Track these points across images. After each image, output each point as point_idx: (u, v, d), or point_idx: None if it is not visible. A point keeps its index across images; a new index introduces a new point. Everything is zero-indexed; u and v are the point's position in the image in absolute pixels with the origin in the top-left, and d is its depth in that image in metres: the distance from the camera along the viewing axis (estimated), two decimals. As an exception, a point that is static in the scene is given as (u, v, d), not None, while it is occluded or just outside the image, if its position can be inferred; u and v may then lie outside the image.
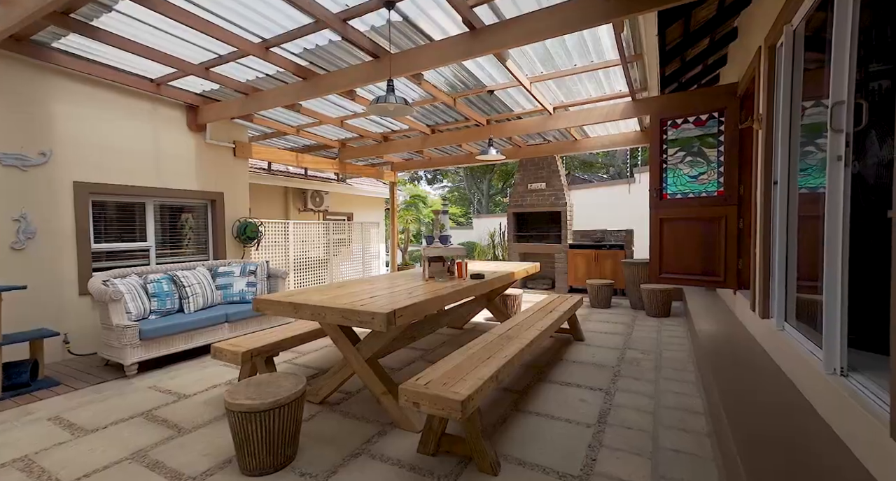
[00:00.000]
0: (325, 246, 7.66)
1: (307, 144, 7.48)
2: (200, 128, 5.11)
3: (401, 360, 3.73)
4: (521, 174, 7.90)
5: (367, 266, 8.66)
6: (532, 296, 7.43)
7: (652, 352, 3.84)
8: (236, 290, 4.65)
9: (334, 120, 5.86)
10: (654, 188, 4.57)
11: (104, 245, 4.34)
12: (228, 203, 5.49)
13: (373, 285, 3.05)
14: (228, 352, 2.64)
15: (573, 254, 7.32)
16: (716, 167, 4.21)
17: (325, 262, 7.62)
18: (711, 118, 4.23)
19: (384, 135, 6.76)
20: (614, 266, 6.96)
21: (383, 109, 2.96)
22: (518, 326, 3.13)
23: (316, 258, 7.52)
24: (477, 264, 4.73)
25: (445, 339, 4.49)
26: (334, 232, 7.93)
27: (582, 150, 6.85)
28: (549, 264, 7.94)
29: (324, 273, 7.57)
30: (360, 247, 8.58)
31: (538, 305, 4.07)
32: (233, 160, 5.56)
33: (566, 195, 7.56)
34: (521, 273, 4.23)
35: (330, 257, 7.70)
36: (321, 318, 2.21)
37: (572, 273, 7.33)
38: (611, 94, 4.98)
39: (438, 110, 5.59)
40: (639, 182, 8.72)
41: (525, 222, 8.20)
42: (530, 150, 7.22)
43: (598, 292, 6.08)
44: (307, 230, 7.30)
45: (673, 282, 4.49)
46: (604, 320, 5.28)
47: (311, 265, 7.38)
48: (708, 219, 4.26)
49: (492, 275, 3.57)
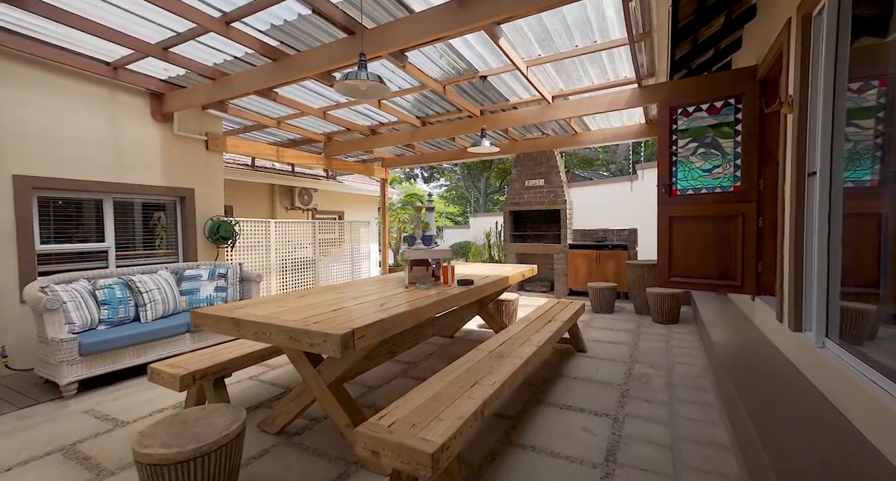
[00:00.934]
0: (312, 246, 7.24)
1: (291, 139, 7.04)
2: (167, 119, 4.67)
3: (380, 376, 3.31)
4: (518, 170, 7.49)
5: (356, 267, 8.24)
6: (529, 299, 7.02)
7: (662, 366, 3.43)
8: (203, 296, 4.22)
9: (316, 111, 5.43)
10: (663, 183, 4.16)
11: (53, 246, 3.90)
12: (200, 200, 5.06)
13: (343, 294, 2.63)
14: (166, 375, 2.21)
15: (573, 255, 6.91)
16: (732, 160, 3.80)
17: (312, 263, 7.20)
18: (727, 105, 3.81)
19: (372, 129, 6.34)
20: (617, 267, 6.55)
21: (353, 89, 2.53)
22: (511, 340, 2.71)
23: (303, 259, 7.09)
24: (468, 267, 4.31)
25: (434, 349, 4.08)
26: (322, 231, 7.51)
27: (583, 145, 6.43)
28: (547, 265, 7.53)
29: (310, 275, 7.15)
30: (351, 248, 8.16)
31: (535, 313, 3.66)
32: (205, 154, 5.12)
33: (566, 192, 7.15)
34: (517, 277, 3.82)
35: (317, 258, 7.28)
36: (266, 338, 1.79)
37: (572, 275, 6.92)
38: (615, 80, 4.56)
39: (428, 100, 5.17)
40: (641, 179, 8.32)
41: (522, 221, 7.79)
42: (527, 145, 6.80)
43: (601, 296, 5.67)
44: (292, 229, 6.88)
45: (684, 286, 4.08)
46: (607, 327, 4.87)
47: (297, 266, 6.96)
48: (723, 216, 3.85)
49: (482, 281, 3.16)
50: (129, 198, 4.48)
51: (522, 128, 6.46)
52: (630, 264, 5.79)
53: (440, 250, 2.95)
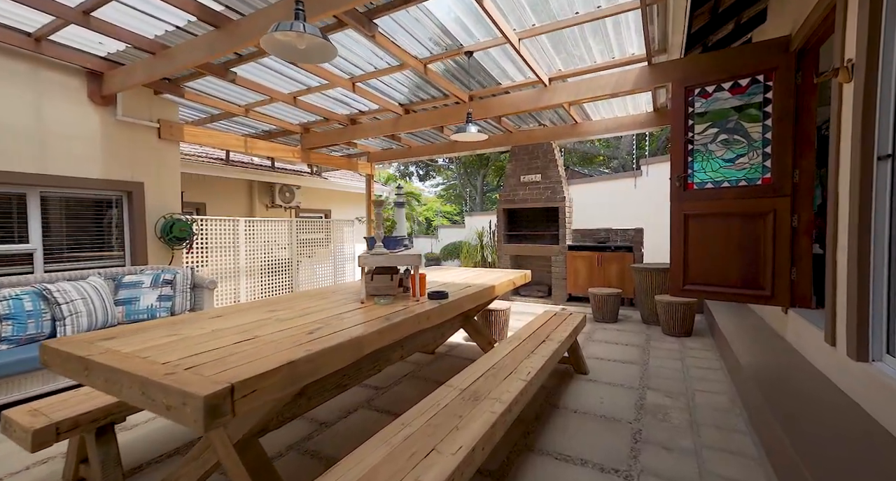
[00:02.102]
0: (289, 246, 6.65)
1: (266, 130, 6.46)
2: (108, 102, 4.09)
3: (339, 406, 2.73)
4: (513, 165, 6.90)
5: (339, 269, 7.65)
6: (524, 305, 6.44)
7: (680, 394, 2.85)
8: (143, 306, 3.64)
9: (285, 96, 4.85)
10: (677, 176, 3.58)
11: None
12: (151, 195, 4.47)
13: (274, 312, 2.04)
14: (19, 428, 1.62)
15: (573, 257, 6.33)
16: (760, 147, 3.22)
17: (290, 266, 6.61)
18: (754, 82, 3.23)
19: (351, 118, 5.75)
20: (621, 271, 5.97)
21: (286, 47, 1.95)
22: (494, 370, 2.13)
23: (279, 261, 6.50)
24: (448, 274, 3.73)
25: (410, 369, 3.50)
26: (302, 231, 6.92)
27: (583, 136, 5.85)
28: (544, 268, 6.95)
29: (287, 278, 6.56)
30: (333, 249, 7.57)
31: (528, 329, 3.08)
32: (157, 143, 4.54)
33: (564, 189, 6.56)
34: (506, 285, 3.24)
35: (294, 260, 6.69)
36: (117, 391, 1.21)
37: (572, 279, 6.34)
38: (621, 58, 3.97)
39: (411, 83, 4.58)
40: (646, 175, 7.73)
41: (518, 220, 7.20)
42: (523, 136, 6.22)
43: (603, 303, 5.09)
44: (266, 228, 6.29)
45: (701, 295, 3.50)
46: (611, 340, 4.29)
47: (272, 269, 6.37)
48: (749, 214, 3.27)
49: (461, 292, 2.57)
50: (61, 193, 3.90)
51: (518, 119, 5.89)
52: (636, 268, 5.21)
53: (407, 255, 2.36)
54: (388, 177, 20.55)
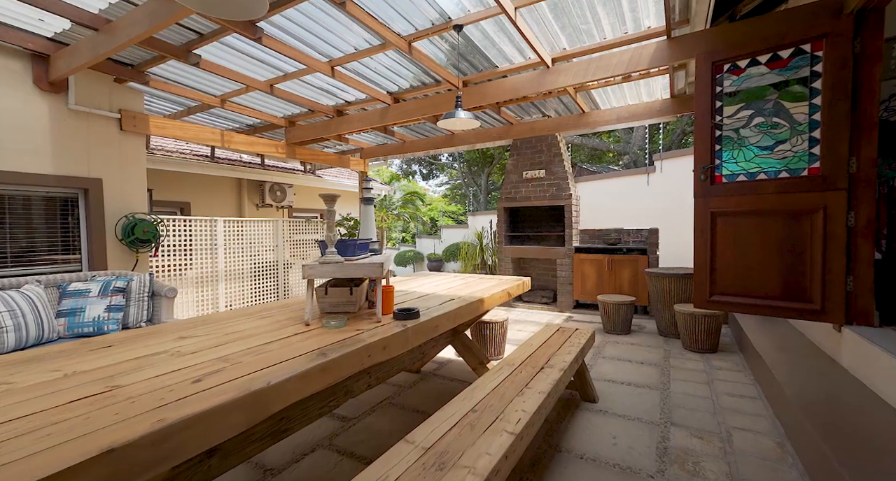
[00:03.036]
0: (276, 248, 6.21)
1: (251, 124, 6.04)
2: (58, 89, 3.67)
3: (300, 442, 2.26)
4: (515, 159, 6.38)
5: (330, 273, 7.18)
6: (526, 313, 5.92)
7: (713, 433, 2.32)
8: (89, 318, 3.21)
9: (262, 84, 4.40)
10: (702, 167, 3.05)
11: None
12: (111, 193, 4.05)
13: (182, 340, 1.57)
14: None
15: (580, 261, 5.79)
16: (805, 131, 2.67)
17: (278, 270, 6.17)
18: (799, 54, 2.69)
19: (338, 109, 5.29)
20: (634, 276, 5.42)
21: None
22: (475, 415, 1.64)
23: (265, 264, 6.07)
24: (434, 281, 3.24)
25: (388, 394, 3.02)
26: (290, 231, 6.48)
27: (592, 127, 5.32)
28: (549, 272, 6.43)
29: (273, 283, 6.12)
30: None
31: (527, 347, 2.58)
32: (118, 135, 4.12)
33: (571, 185, 6.03)
34: (499, 297, 2.74)
35: (282, 262, 6.26)
36: None
37: (579, 284, 5.81)
38: (635, 33, 3.45)
39: (396, 66, 4.10)
40: (660, 171, 7.16)
41: (520, 219, 6.68)
42: (525, 129, 5.70)
43: (615, 313, 4.55)
44: (251, 229, 5.86)
45: (731, 307, 2.96)
46: (624, 357, 3.76)
47: (259, 272, 5.94)
48: (792, 211, 2.73)
49: (439, 309, 2.08)
50: (3, 191, 3.48)
51: (519, 109, 5.37)
52: (651, 273, 4.67)
53: (366, 263, 1.87)
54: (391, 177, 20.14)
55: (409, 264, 17.77)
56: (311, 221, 6.86)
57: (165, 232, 4.68)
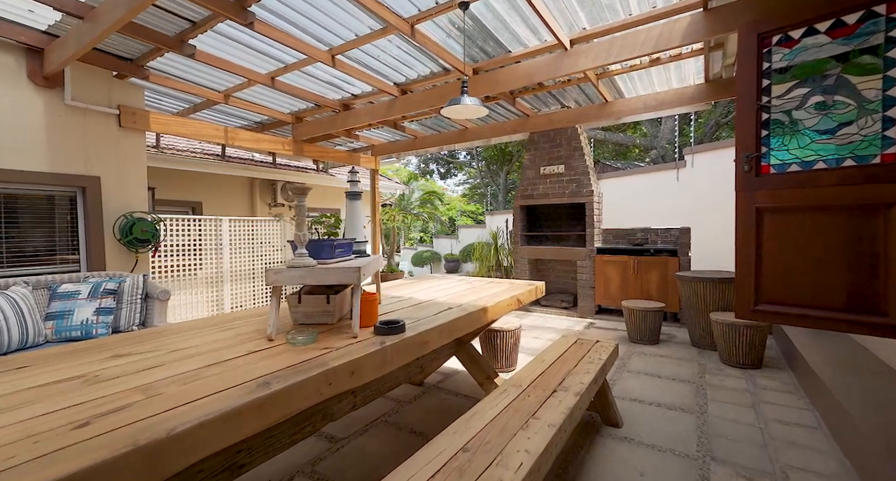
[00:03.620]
0: (284, 248, 6.06)
1: (258, 121, 5.91)
2: (53, 84, 3.57)
3: (271, 471, 2.00)
4: (532, 154, 6.00)
5: (341, 273, 6.98)
6: (543, 318, 5.52)
7: (766, 473, 1.92)
8: (77, 321, 3.06)
9: (263, 77, 4.21)
10: (746, 156, 2.63)
11: None
12: (110, 192, 3.94)
13: (113, 360, 1.32)
14: None
15: (603, 262, 5.37)
16: (879, 109, 2.23)
17: (280, 270, 6.00)
18: (870, 17, 2.24)
19: (344, 103, 5.07)
20: (663, 280, 4.96)
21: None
22: (466, 456, 1.33)
23: (274, 264, 5.92)
24: (436, 286, 2.94)
25: (387, 408, 2.74)
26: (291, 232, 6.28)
27: (615, 118, 4.89)
28: (569, 274, 6.02)
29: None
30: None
31: (539, 364, 2.24)
32: (117, 132, 4.00)
33: (592, 181, 5.60)
34: (506, 304, 2.41)
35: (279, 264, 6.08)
36: None
37: (601, 288, 5.38)
38: (665, 6, 3.04)
39: (400, 53, 3.82)
40: (691, 165, 6.63)
41: (537, 218, 6.30)
42: (542, 121, 5.33)
43: (641, 320, 4.13)
44: (257, 229, 5.72)
45: (781, 319, 2.53)
46: (652, 371, 3.35)
47: (263, 274, 5.79)
48: (859, 206, 2.29)
49: (432, 320, 1.78)
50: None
51: (536, 100, 5.01)
52: (683, 277, 4.22)
53: (339, 267, 1.59)
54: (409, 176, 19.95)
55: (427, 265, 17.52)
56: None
57: (168, 232, 4.57)
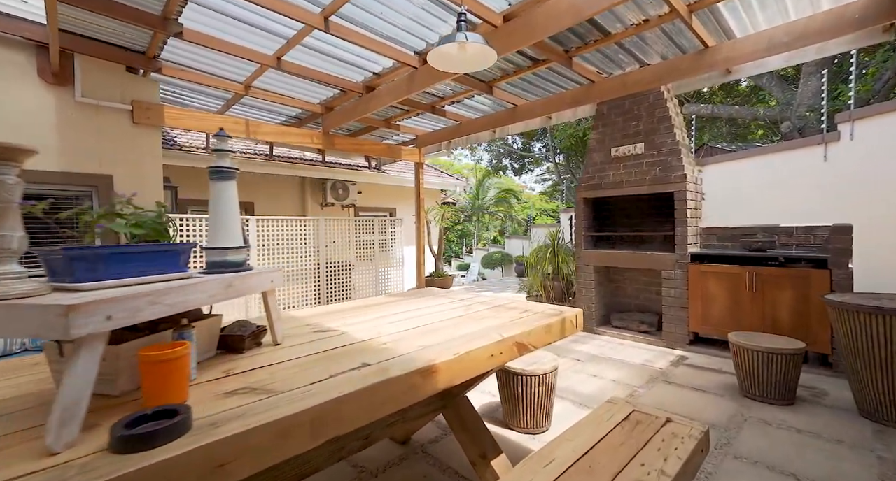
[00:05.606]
0: (314, 252, 5.64)
1: (293, 115, 5.60)
2: (64, 81, 3.49)
3: None
4: (600, 132, 4.68)
5: (382, 278, 6.42)
6: (611, 346, 4.17)
7: None
8: None
9: (269, 59, 3.75)
10: None
11: None
12: (123, 190, 3.79)
13: None
14: None
15: (700, 274, 3.90)
16: None
17: (315, 273, 5.62)
18: None
19: (367, 85, 4.42)
20: (802, 302, 3.36)
21: None
22: None
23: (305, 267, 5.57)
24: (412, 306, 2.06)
25: (361, 470, 1.93)
26: (329, 231, 5.79)
27: (720, 69, 3.45)
28: (651, 287, 4.59)
29: (311, 288, 5.58)
30: (377, 253, 6.40)
31: (559, 462, 1.22)
32: (130, 128, 3.86)
33: (685, 163, 4.13)
34: (485, 358, 1.43)
35: (322, 265, 5.68)
36: None
37: (698, 309, 3.91)
38: None
39: (410, 6, 2.99)
40: (849, 138, 4.66)
41: (607, 214, 4.96)
42: (612, 86, 4.05)
43: (763, 365, 2.71)
44: (287, 228, 5.39)
45: None
46: (782, 461, 2.02)
47: (298, 276, 5.46)
48: None
49: (287, 401, 0.91)
50: (12, 189, 3.39)
51: (601, 58, 3.79)
52: (838, 303, 2.67)
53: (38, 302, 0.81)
54: (483, 173, 18.98)
55: (498, 267, 16.40)
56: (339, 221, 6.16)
57: (187, 232, 4.38)
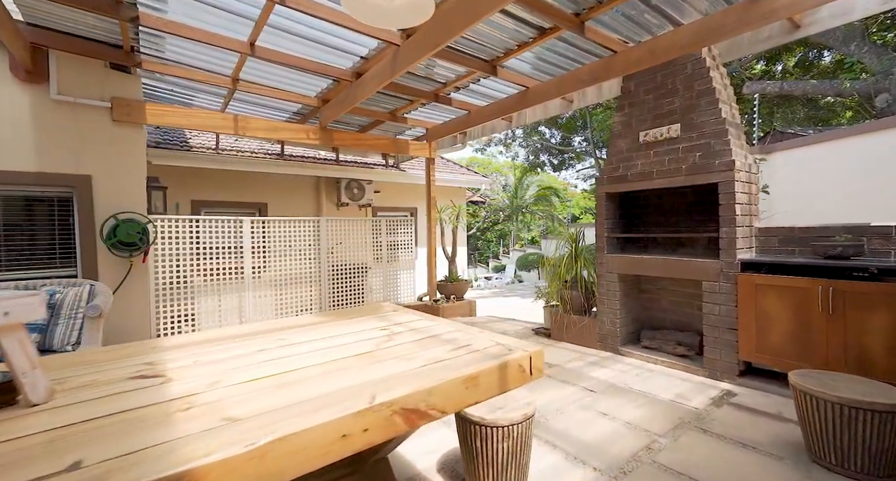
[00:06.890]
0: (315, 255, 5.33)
1: (295, 110, 5.33)
2: (38, 78, 3.39)
3: None
4: (626, 113, 3.91)
5: (392, 283, 6.01)
6: (638, 370, 3.39)
7: None
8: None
9: (239, 44, 3.43)
10: None
11: None
12: (102, 192, 3.67)
13: None
14: None
15: (754, 287, 3.04)
16: None
17: (317, 279, 5.31)
18: None
19: (356, 71, 4.00)
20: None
21: None
22: None
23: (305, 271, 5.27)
24: (299, 338, 1.54)
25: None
26: (336, 232, 5.46)
27: (778, 20, 2.62)
28: (690, 301, 3.74)
29: (312, 291, 5.28)
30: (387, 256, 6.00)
31: None
32: (110, 127, 3.72)
33: (733, 147, 3.28)
34: (381, 426, 0.88)
35: (323, 269, 5.35)
36: None
37: (752, 331, 3.06)
38: None
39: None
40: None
41: (638, 213, 4.16)
42: (639, 55, 3.30)
43: (847, 422, 1.92)
44: (286, 230, 5.12)
45: None
46: None
47: (297, 280, 5.18)
48: None
49: None
50: (-12, 191, 3.34)
51: (622, 20, 3.08)
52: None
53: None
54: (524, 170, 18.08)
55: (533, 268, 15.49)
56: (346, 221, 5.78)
57: (170, 234, 4.19)
